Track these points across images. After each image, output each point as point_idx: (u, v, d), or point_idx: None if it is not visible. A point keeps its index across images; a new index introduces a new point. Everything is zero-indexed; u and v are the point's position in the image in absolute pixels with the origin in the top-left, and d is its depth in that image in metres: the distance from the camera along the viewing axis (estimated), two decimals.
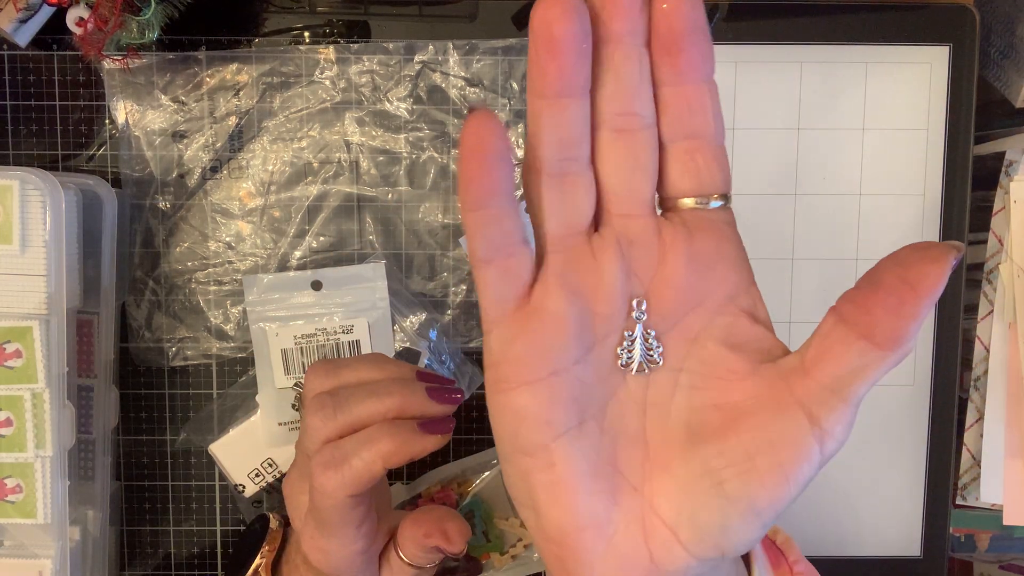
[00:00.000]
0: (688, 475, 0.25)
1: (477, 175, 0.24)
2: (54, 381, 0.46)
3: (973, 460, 0.56)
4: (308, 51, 0.52)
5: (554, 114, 0.24)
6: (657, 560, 0.25)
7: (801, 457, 0.24)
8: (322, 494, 0.37)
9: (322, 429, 0.38)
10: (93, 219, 0.49)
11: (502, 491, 0.54)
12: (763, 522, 0.25)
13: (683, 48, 0.24)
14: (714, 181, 0.25)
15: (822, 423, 0.24)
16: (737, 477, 0.24)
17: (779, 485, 0.24)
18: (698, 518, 0.25)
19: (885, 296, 0.22)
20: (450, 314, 0.53)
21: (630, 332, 0.26)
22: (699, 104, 0.24)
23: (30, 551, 0.48)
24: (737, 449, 0.24)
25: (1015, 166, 0.55)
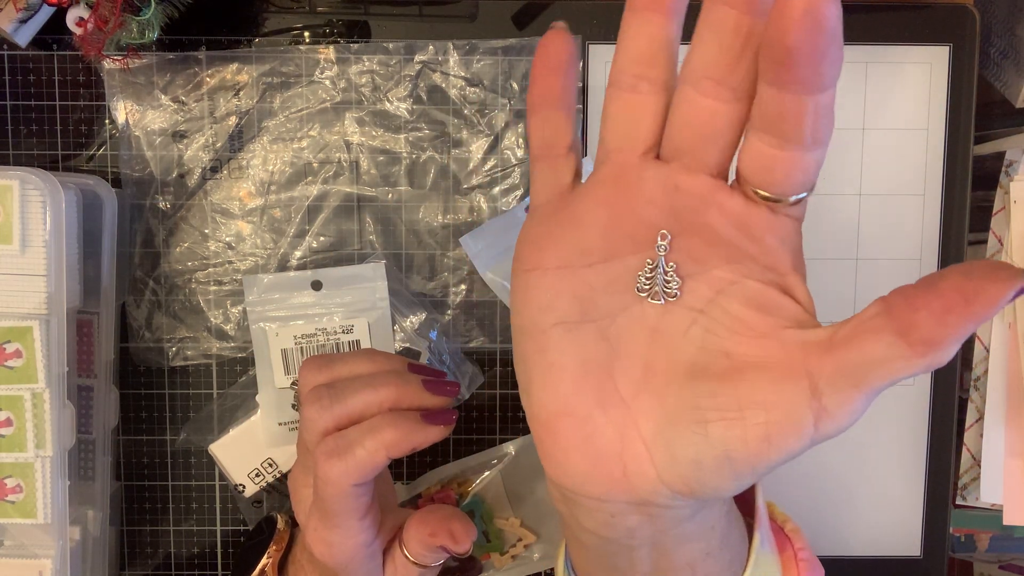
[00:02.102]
0: (677, 404, 0.26)
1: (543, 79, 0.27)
2: (54, 381, 0.46)
3: (973, 460, 0.56)
4: (308, 51, 0.52)
5: (637, 26, 0.25)
6: (629, 474, 0.27)
7: (790, 425, 0.24)
8: (326, 483, 0.37)
9: (319, 420, 0.38)
10: (93, 219, 0.49)
11: (502, 491, 0.54)
12: (735, 474, 0.25)
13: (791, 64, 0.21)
14: (788, 184, 0.24)
15: (823, 400, 0.23)
16: (721, 421, 0.25)
17: (759, 444, 0.24)
18: (674, 447, 0.26)
19: (936, 298, 0.21)
20: (450, 314, 0.53)
21: (651, 261, 0.26)
22: (795, 114, 0.22)
23: (30, 551, 0.48)
24: (731, 396, 0.25)
25: (1015, 166, 0.55)
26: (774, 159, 0.23)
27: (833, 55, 0.21)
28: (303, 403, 0.39)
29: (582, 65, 0.51)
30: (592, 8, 0.52)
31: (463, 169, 0.52)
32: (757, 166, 0.24)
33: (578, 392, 0.27)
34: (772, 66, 0.22)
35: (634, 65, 0.25)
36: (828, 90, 0.22)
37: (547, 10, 0.52)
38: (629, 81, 0.25)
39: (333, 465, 0.36)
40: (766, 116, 0.23)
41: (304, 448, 0.40)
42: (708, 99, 0.24)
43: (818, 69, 0.21)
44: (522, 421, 0.54)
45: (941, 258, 0.53)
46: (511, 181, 0.52)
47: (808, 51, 0.21)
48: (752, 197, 0.25)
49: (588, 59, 0.52)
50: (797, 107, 0.22)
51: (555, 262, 0.27)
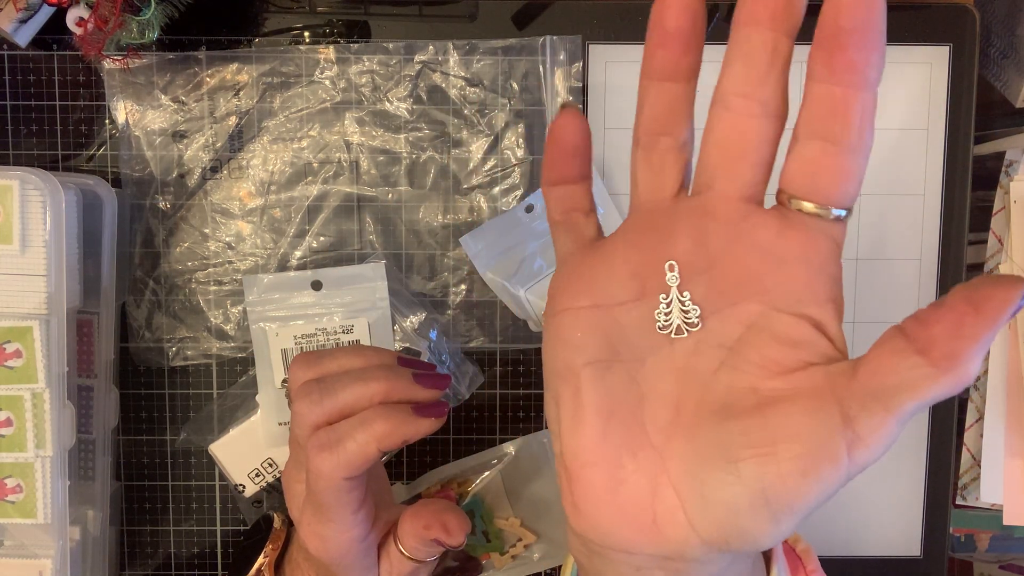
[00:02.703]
0: (707, 446, 0.25)
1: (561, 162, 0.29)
2: (54, 381, 0.46)
3: (973, 460, 0.56)
4: (308, 51, 0.52)
5: (655, 93, 0.26)
6: (660, 524, 0.26)
7: (825, 456, 0.23)
8: (318, 476, 0.37)
9: (309, 415, 0.38)
10: (93, 219, 0.49)
11: (502, 491, 0.54)
12: (774, 517, 0.24)
13: (843, 47, 0.22)
14: (837, 192, 0.24)
15: (856, 427, 0.23)
16: (754, 459, 0.24)
17: (796, 478, 0.23)
18: (707, 491, 0.25)
19: (947, 314, 0.22)
20: (450, 314, 0.53)
21: (665, 296, 0.26)
22: (844, 109, 0.23)
23: (30, 551, 0.48)
24: (762, 432, 0.24)
25: (1015, 166, 0.55)
26: (821, 164, 0.24)
27: (881, 44, 0.22)
28: (293, 399, 0.39)
29: (582, 64, 0.51)
30: (592, 8, 0.52)
31: (463, 169, 0.52)
32: (803, 173, 0.24)
33: (608, 437, 0.26)
34: (825, 56, 0.23)
35: (654, 127, 0.26)
36: (874, 88, 0.23)
37: (547, 10, 0.52)
38: (650, 141, 0.27)
39: (324, 459, 0.37)
40: (816, 118, 0.24)
41: (296, 444, 0.40)
42: (738, 115, 0.24)
43: (870, 54, 0.22)
44: (522, 421, 0.54)
45: (941, 258, 0.53)
46: (511, 181, 0.52)
47: (861, 32, 0.22)
48: (791, 217, 0.24)
49: (588, 59, 0.52)
50: (847, 102, 0.23)
51: (586, 302, 0.27)
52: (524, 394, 0.54)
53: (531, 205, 0.51)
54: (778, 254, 0.25)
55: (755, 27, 0.24)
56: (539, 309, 0.52)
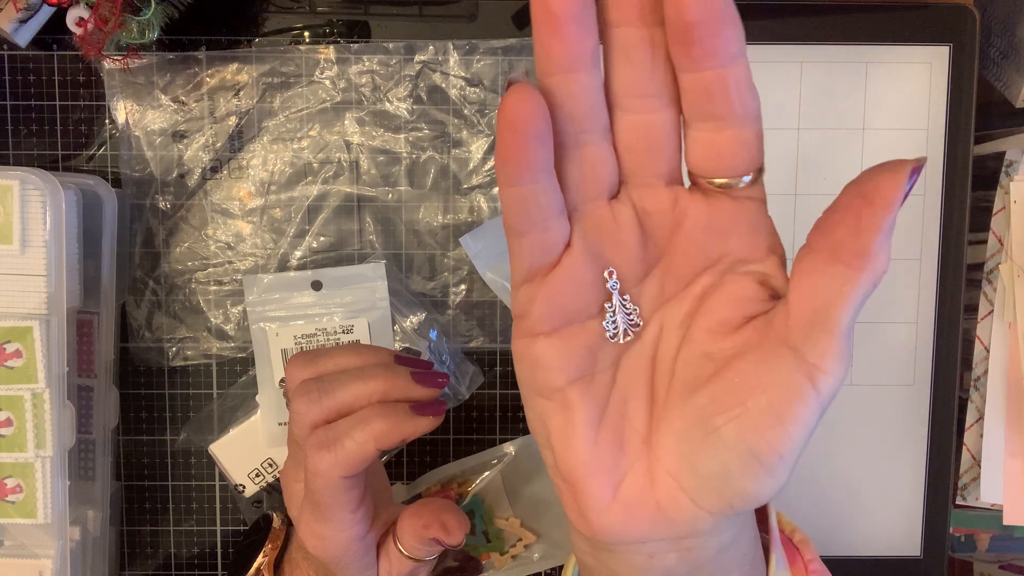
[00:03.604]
0: (685, 424, 0.26)
1: (514, 152, 0.23)
2: (54, 381, 0.46)
3: (973, 460, 0.56)
4: (308, 51, 0.52)
5: (564, 90, 0.24)
6: (665, 509, 0.26)
7: (791, 395, 0.24)
8: (316, 475, 0.37)
9: (307, 414, 0.38)
10: (93, 219, 0.49)
11: (502, 491, 0.54)
12: (767, 468, 0.25)
13: (697, 38, 0.22)
14: (739, 162, 0.24)
15: (808, 357, 0.23)
16: (730, 422, 0.25)
17: (773, 426, 0.24)
18: (698, 466, 0.26)
19: (843, 214, 0.22)
20: (450, 314, 0.53)
21: (609, 304, 0.27)
22: (719, 88, 0.23)
23: (30, 551, 0.48)
24: (727, 394, 0.25)
25: (1015, 166, 0.55)
26: (716, 143, 0.24)
27: (733, 20, 0.22)
28: (292, 398, 0.39)
29: None
30: None
31: (463, 169, 0.52)
32: (703, 155, 0.25)
33: (600, 445, 0.27)
34: (683, 49, 0.23)
35: (574, 125, 0.24)
36: (740, 59, 0.23)
37: None
38: (574, 140, 0.25)
39: (322, 457, 0.37)
40: (695, 103, 0.24)
41: (294, 443, 0.40)
42: (640, 115, 0.24)
43: (723, 36, 0.22)
44: (522, 421, 0.54)
45: (941, 258, 0.53)
46: None
47: (708, 20, 0.22)
48: (710, 189, 0.25)
49: None
50: (718, 82, 0.23)
51: (559, 323, 0.27)
52: None
53: None
54: (712, 226, 0.26)
55: (627, 26, 0.23)
56: None
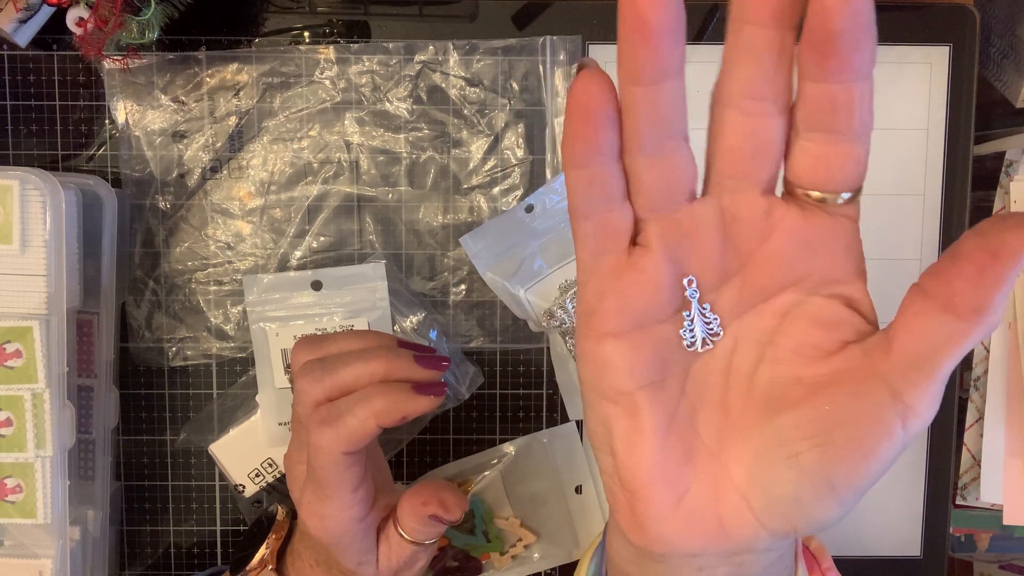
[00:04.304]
0: (764, 444, 0.25)
1: (583, 134, 0.23)
2: (54, 381, 0.46)
3: (973, 460, 0.56)
4: (308, 51, 0.52)
5: (649, 99, 0.23)
6: (727, 526, 0.26)
7: (881, 433, 0.24)
8: (318, 451, 0.38)
9: (311, 392, 0.39)
10: (93, 219, 0.49)
11: (502, 491, 0.54)
12: (839, 499, 0.25)
13: (835, 50, 0.22)
14: (843, 179, 0.24)
15: (904, 398, 0.23)
16: (813, 449, 0.24)
17: (857, 460, 0.24)
18: (771, 488, 0.25)
19: (964, 265, 0.22)
20: (450, 314, 0.53)
21: (688, 312, 0.26)
22: (844, 102, 0.23)
23: (30, 551, 0.48)
24: (815, 421, 0.24)
25: (1015, 166, 0.55)
26: (827, 156, 0.24)
27: (873, 37, 0.22)
28: (295, 377, 0.40)
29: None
30: (592, 8, 0.52)
31: (463, 169, 0.52)
32: (810, 167, 0.24)
33: (667, 453, 0.26)
34: (818, 57, 0.22)
35: (656, 132, 0.24)
36: (869, 77, 0.22)
37: (547, 10, 0.52)
38: (656, 147, 0.24)
39: (324, 433, 0.37)
40: (815, 113, 0.23)
41: (297, 423, 0.41)
42: (751, 117, 0.24)
43: (862, 52, 0.22)
44: (522, 421, 0.54)
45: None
46: (511, 181, 0.52)
47: (852, 33, 0.21)
48: (806, 203, 0.25)
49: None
50: (845, 96, 0.22)
51: (629, 325, 0.26)
52: (524, 394, 0.54)
53: (531, 205, 0.51)
54: (805, 241, 0.25)
55: (759, 26, 0.23)
56: (539, 309, 0.52)
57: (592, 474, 0.54)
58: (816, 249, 0.25)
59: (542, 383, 0.54)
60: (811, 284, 0.25)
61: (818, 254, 0.25)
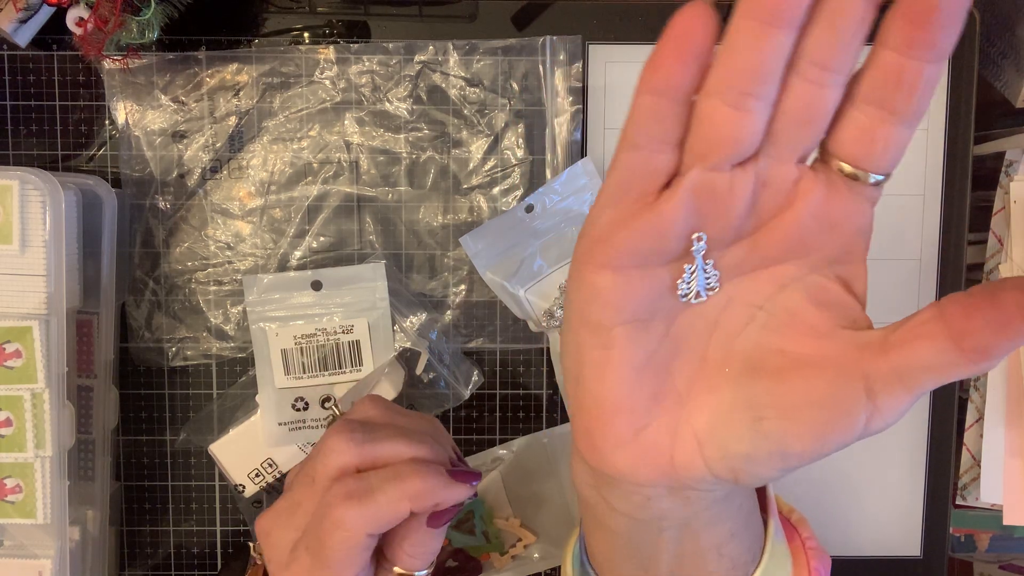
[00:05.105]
0: (732, 401, 0.26)
1: (668, 65, 0.22)
2: (54, 381, 0.46)
3: (973, 460, 0.56)
4: (308, 51, 0.52)
5: (753, 39, 0.22)
6: (676, 464, 0.27)
7: (844, 424, 0.24)
8: (337, 527, 0.33)
9: (343, 453, 0.35)
10: (93, 219, 0.49)
11: (502, 491, 0.54)
12: (785, 467, 0.26)
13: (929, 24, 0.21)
14: (883, 159, 0.24)
15: (877, 401, 0.24)
16: (777, 419, 0.25)
17: (814, 441, 0.25)
18: (727, 442, 0.26)
19: (994, 311, 0.22)
20: (450, 314, 0.53)
21: (690, 265, 0.26)
22: (910, 81, 0.22)
23: (30, 551, 0.48)
24: (787, 394, 0.25)
25: (1015, 166, 0.55)
26: (874, 131, 0.23)
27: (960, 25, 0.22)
28: (329, 433, 0.36)
29: (582, 64, 0.51)
30: (592, 8, 0.52)
31: (463, 169, 0.52)
32: (855, 139, 0.24)
33: (636, 387, 0.27)
34: (908, 28, 0.22)
35: (746, 83, 0.23)
36: (942, 63, 0.22)
37: (547, 10, 0.52)
38: (736, 98, 0.23)
39: (350, 508, 0.33)
40: (878, 87, 0.23)
41: (306, 485, 0.36)
42: (811, 84, 0.23)
43: (949, 33, 0.22)
44: (522, 421, 0.54)
45: (941, 258, 0.53)
46: (511, 181, 0.52)
47: (947, 11, 0.21)
48: (835, 180, 0.24)
49: (588, 59, 0.52)
50: (914, 74, 0.22)
51: (631, 262, 0.26)
52: (524, 394, 0.54)
53: (531, 205, 0.51)
54: (825, 217, 0.25)
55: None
56: (539, 309, 0.52)
57: None
58: (831, 227, 0.25)
59: (542, 383, 0.54)
60: (817, 260, 0.26)
61: (831, 232, 0.25)
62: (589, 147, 0.52)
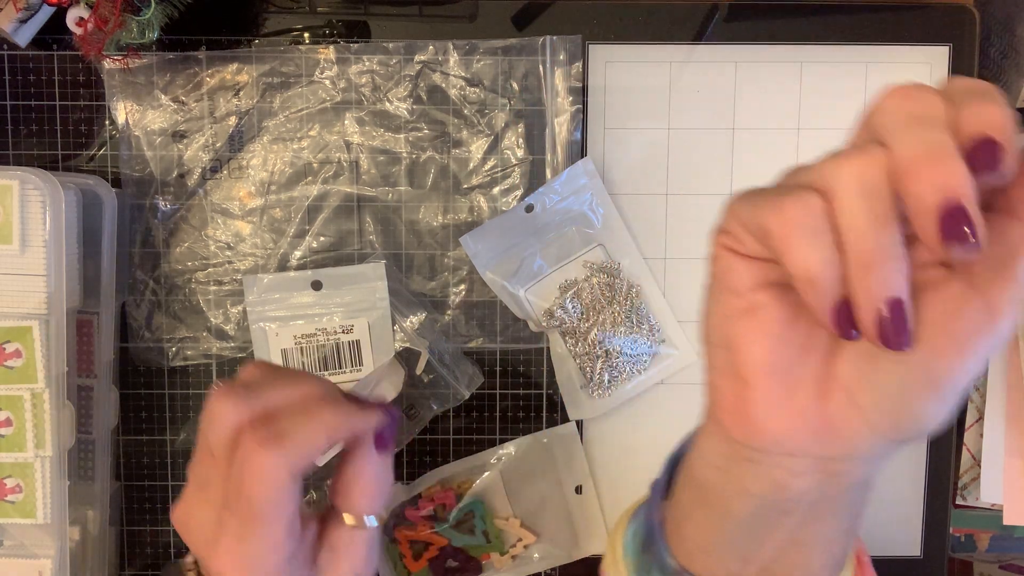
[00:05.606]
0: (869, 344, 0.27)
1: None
2: (54, 381, 0.46)
3: (973, 460, 0.56)
4: (308, 51, 0.52)
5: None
6: (833, 422, 0.28)
7: (971, 327, 0.26)
8: (258, 477, 0.32)
9: (232, 413, 0.33)
10: (93, 219, 0.49)
11: (502, 491, 0.54)
12: (940, 394, 0.26)
13: None
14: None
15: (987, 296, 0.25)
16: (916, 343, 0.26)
17: (954, 354, 0.26)
18: (877, 382, 0.27)
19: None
20: (450, 314, 0.53)
21: None
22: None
23: (30, 551, 0.48)
24: (920, 313, 0.26)
25: None
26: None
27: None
28: (207, 404, 0.34)
29: (582, 64, 0.51)
30: (592, 8, 0.52)
31: (463, 169, 0.52)
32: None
33: (786, 346, 0.28)
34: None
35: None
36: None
37: (547, 10, 0.52)
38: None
39: (267, 454, 0.32)
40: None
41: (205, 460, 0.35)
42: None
43: None
44: (522, 421, 0.54)
45: None
46: (511, 181, 0.52)
47: None
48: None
49: (588, 59, 0.52)
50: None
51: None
52: (524, 394, 0.54)
53: (531, 205, 0.51)
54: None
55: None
56: (539, 309, 0.52)
57: (592, 474, 0.54)
58: None
59: (542, 383, 0.54)
60: None
61: None
62: (589, 147, 0.52)
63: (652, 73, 0.52)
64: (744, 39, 0.52)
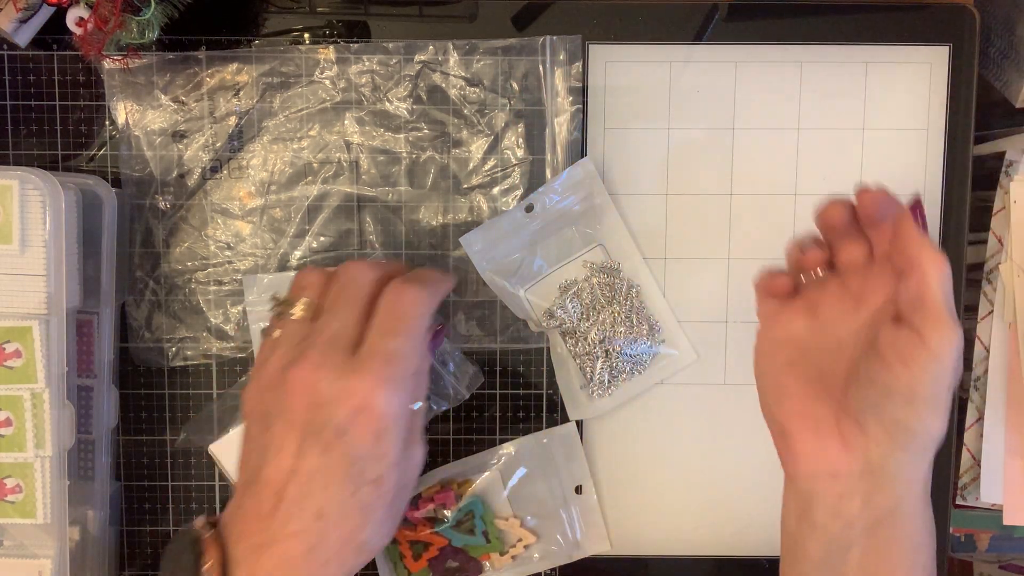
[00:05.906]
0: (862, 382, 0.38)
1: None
2: (54, 381, 0.46)
3: (973, 460, 0.56)
4: (308, 51, 0.52)
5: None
6: (847, 441, 0.39)
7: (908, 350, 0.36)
8: (411, 302, 0.42)
9: (371, 271, 0.43)
10: (93, 219, 0.49)
11: (502, 491, 0.54)
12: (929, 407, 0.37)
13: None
14: None
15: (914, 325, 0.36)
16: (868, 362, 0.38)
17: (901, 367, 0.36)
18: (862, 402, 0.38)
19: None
20: (450, 314, 0.53)
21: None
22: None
23: (30, 551, 0.48)
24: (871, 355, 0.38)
25: (1015, 166, 0.55)
26: None
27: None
28: (347, 266, 0.44)
29: (582, 64, 0.51)
30: (592, 8, 0.52)
31: (463, 169, 0.52)
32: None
33: (809, 396, 0.41)
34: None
35: None
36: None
37: (547, 10, 0.52)
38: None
39: (420, 289, 0.42)
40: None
41: (348, 303, 0.42)
42: None
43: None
44: (522, 421, 0.54)
45: None
46: (511, 181, 0.52)
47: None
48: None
49: (588, 59, 0.52)
50: None
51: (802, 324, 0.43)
52: (524, 394, 0.54)
53: (531, 205, 0.51)
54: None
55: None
56: (539, 309, 0.52)
57: (592, 474, 0.54)
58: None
59: (542, 383, 0.54)
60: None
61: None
62: (589, 147, 0.52)
63: (652, 73, 0.52)
64: (744, 39, 0.52)
